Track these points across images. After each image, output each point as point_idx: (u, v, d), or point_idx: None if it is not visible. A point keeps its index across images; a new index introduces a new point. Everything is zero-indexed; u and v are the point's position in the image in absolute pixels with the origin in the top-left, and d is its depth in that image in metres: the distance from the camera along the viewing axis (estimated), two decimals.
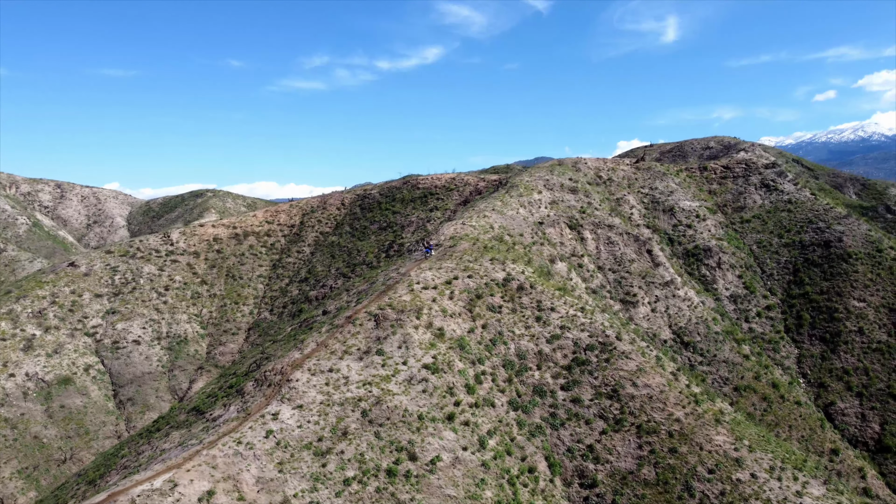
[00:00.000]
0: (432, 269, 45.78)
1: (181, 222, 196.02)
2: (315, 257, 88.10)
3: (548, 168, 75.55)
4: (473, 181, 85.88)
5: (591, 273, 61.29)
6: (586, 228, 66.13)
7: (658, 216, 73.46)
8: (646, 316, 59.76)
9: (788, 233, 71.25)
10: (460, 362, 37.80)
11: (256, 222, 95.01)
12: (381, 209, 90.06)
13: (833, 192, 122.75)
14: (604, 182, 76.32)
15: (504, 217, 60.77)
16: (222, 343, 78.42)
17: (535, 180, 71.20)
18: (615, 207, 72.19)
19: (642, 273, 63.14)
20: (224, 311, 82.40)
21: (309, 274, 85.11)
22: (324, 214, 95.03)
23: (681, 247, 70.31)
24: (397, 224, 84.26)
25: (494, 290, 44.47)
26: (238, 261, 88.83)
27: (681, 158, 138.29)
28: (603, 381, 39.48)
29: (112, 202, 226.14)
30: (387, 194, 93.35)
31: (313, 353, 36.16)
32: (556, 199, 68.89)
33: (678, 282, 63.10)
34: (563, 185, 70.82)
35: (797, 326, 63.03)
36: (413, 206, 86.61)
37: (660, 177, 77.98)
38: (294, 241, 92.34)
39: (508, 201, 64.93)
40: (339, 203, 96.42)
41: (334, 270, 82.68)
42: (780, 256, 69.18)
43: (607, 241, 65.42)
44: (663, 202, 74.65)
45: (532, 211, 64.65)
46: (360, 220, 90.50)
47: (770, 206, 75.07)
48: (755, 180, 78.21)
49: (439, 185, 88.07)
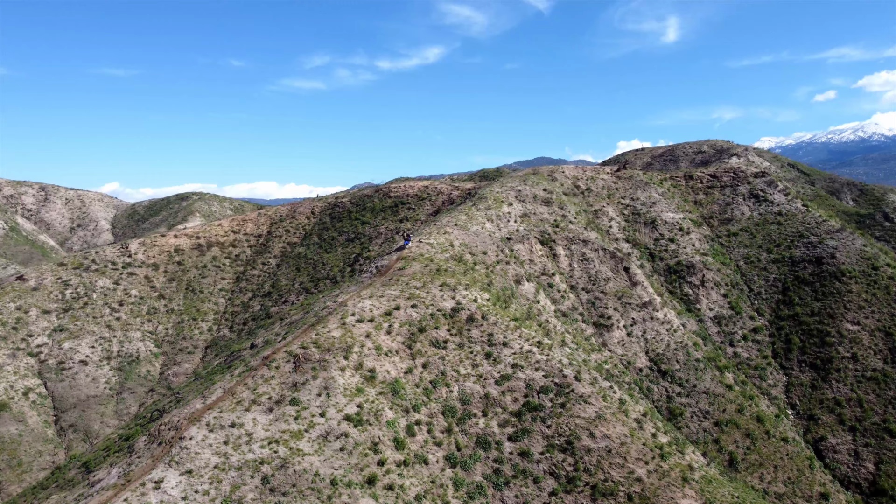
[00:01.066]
0: (373, 298, 40.71)
1: (165, 226, 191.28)
2: (280, 270, 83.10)
3: (521, 178, 70.41)
4: (447, 190, 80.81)
5: (562, 294, 56.19)
6: (559, 244, 61.04)
7: (639, 229, 68.34)
8: (620, 341, 54.67)
9: (778, 248, 66.08)
10: (391, 411, 32.75)
11: (221, 232, 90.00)
12: (350, 219, 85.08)
13: (829, 199, 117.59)
14: (581, 192, 71.16)
15: (467, 233, 55.72)
16: (177, 363, 73.40)
17: (506, 191, 66.06)
18: (592, 220, 67.07)
19: (618, 293, 58.04)
20: (181, 327, 77.36)
21: (272, 288, 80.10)
22: (292, 224, 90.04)
23: (662, 262, 65.20)
24: (365, 235, 79.22)
25: (440, 322, 39.40)
26: (199, 273, 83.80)
27: (672, 163, 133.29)
28: (557, 430, 34.41)
29: (97, 205, 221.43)
30: (358, 203, 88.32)
31: (217, 403, 31.15)
32: (528, 211, 63.79)
33: (657, 302, 57.98)
34: (536, 197, 65.69)
35: (786, 351, 57.88)
36: (383, 216, 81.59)
37: (642, 186, 72.80)
38: (260, 252, 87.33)
39: (474, 215, 59.84)
40: (310, 212, 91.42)
41: (297, 285, 77.67)
42: (769, 273, 64.03)
43: (581, 258, 60.33)
44: (644, 214, 69.51)
45: (500, 225, 59.59)
46: (328, 231, 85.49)
47: (759, 218, 69.89)
48: (743, 190, 73.01)
49: (411, 194, 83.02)
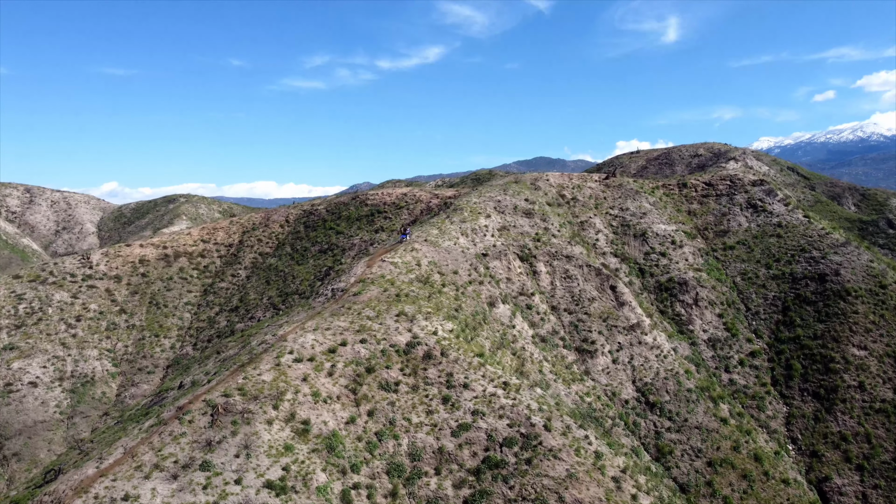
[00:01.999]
0: (318, 331, 35.66)
1: (150, 229, 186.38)
2: (250, 282, 78.05)
3: (501, 187, 65.27)
4: (425, 198, 75.73)
5: (541, 316, 51.14)
6: (540, 260, 55.99)
7: (628, 242, 63.29)
8: (605, 368, 49.64)
9: (777, 263, 61.00)
10: (324, 473, 27.72)
11: (190, 241, 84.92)
12: (325, 228, 80.00)
13: (830, 205, 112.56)
14: (567, 202, 66.06)
15: (438, 249, 50.65)
16: (135, 383, 68.37)
17: (484, 202, 60.96)
18: (578, 233, 61.99)
19: (604, 314, 53.02)
20: (142, 344, 72.30)
21: (240, 302, 75.04)
22: (265, 233, 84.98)
23: (653, 279, 60.16)
24: (339, 247, 74.17)
25: (393, 359, 34.39)
26: (165, 286, 78.74)
27: (668, 166, 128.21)
28: (521, 492, 29.40)
29: (83, 207, 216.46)
30: (333, 211, 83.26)
31: (113, 468, 26.12)
32: (508, 224, 58.71)
33: (646, 325, 52.93)
34: (516, 208, 60.61)
35: (786, 378, 52.84)
36: (359, 226, 76.55)
37: (632, 195, 67.73)
38: (230, 263, 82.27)
39: (447, 229, 54.77)
40: (284, 220, 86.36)
41: (266, 300, 72.62)
42: (768, 291, 58.97)
43: (564, 276, 55.29)
44: (634, 226, 64.44)
45: (475, 240, 54.52)
46: (302, 241, 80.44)
47: (757, 230, 64.81)
48: (740, 199, 67.93)
49: (388, 202, 77.96)
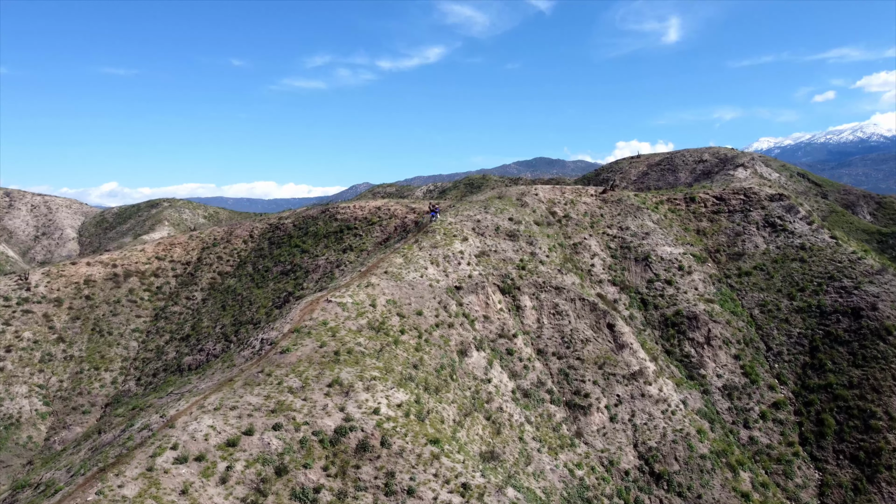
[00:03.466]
0: (219, 411, 26.88)
1: (131, 235, 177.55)
2: (206, 307, 69.27)
3: (482, 203, 56.32)
4: (400, 212, 66.88)
5: (525, 363, 42.34)
6: (525, 292, 47.17)
7: (628, 267, 54.45)
8: (601, 429, 40.82)
9: (802, 293, 52.14)
10: None
11: (143, 258, 76.14)
12: (290, 245, 71.19)
13: (846, 215, 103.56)
14: (558, 221, 57.21)
15: (400, 284, 41.84)
16: (67, 426, 59.62)
17: (461, 222, 52.07)
18: (570, 257, 53.13)
19: (600, 359, 44.20)
20: (79, 379, 63.56)
21: (192, 330, 66.26)
22: (226, 249, 76.21)
23: (657, 312, 51.32)
24: (302, 268, 65.36)
25: (315, 453, 25.64)
26: (111, 310, 69.98)
27: (670, 172, 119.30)
28: None
29: (64, 212, 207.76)
30: (301, 226, 74.43)
31: None
32: (488, 248, 49.88)
33: (650, 372, 44.13)
34: (498, 229, 51.78)
35: (818, 436, 44.02)
36: (326, 244, 67.73)
37: (633, 212, 58.88)
38: (186, 284, 73.49)
39: (414, 256, 45.93)
40: (248, 235, 77.57)
41: (219, 329, 63.82)
42: (792, 327, 50.12)
43: (553, 312, 46.45)
44: (636, 248, 55.59)
45: (448, 269, 45.68)
46: (265, 259, 71.66)
47: (777, 253, 55.96)
48: (757, 217, 59.09)
49: (360, 217, 69.11)
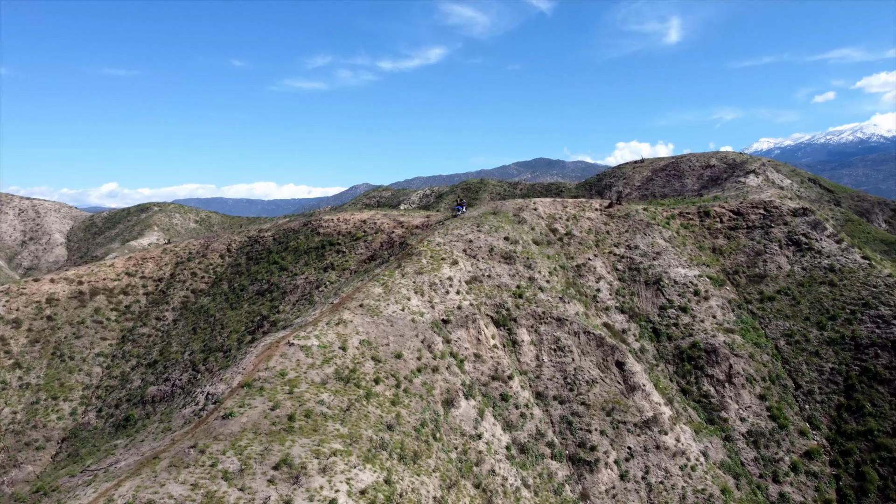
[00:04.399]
0: None
1: (119, 241, 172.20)
2: (176, 329, 63.41)
3: (475, 220, 50.31)
4: (387, 227, 61.02)
5: (521, 411, 36.55)
6: (522, 325, 41.35)
7: (638, 292, 48.58)
8: (610, 489, 35.00)
9: (833, 322, 46.29)
10: None
11: (112, 274, 70.25)
12: (268, 261, 65.33)
13: (862, 224, 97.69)
14: (559, 239, 51.34)
15: (377, 320, 36.00)
16: (18, 464, 53.75)
17: (451, 242, 46.15)
18: (573, 281, 47.26)
19: (608, 404, 38.39)
20: (35, 410, 57.70)
21: (160, 356, 60.40)
22: (202, 264, 70.31)
23: (671, 343, 45.46)
24: (279, 288, 59.52)
25: None
26: (74, 332, 64.11)
27: (676, 178, 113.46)
28: None
29: (53, 216, 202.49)
30: (281, 240, 68.55)
31: None
32: (480, 273, 44.02)
33: (665, 418, 38.31)
34: (493, 250, 45.90)
35: (859, 493, 38.15)
36: (306, 261, 61.86)
37: (642, 229, 53.00)
38: (157, 303, 67.62)
39: (396, 285, 40.05)
40: (225, 249, 71.67)
41: (187, 355, 57.97)
42: (824, 362, 44.27)
43: (555, 347, 40.63)
44: (646, 270, 49.72)
45: (434, 300, 39.84)
46: (242, 276, 65.80)
47: (803, 275, 50.10)
48: (779, 234, 53.23)
49: (343, 231, 63.23)
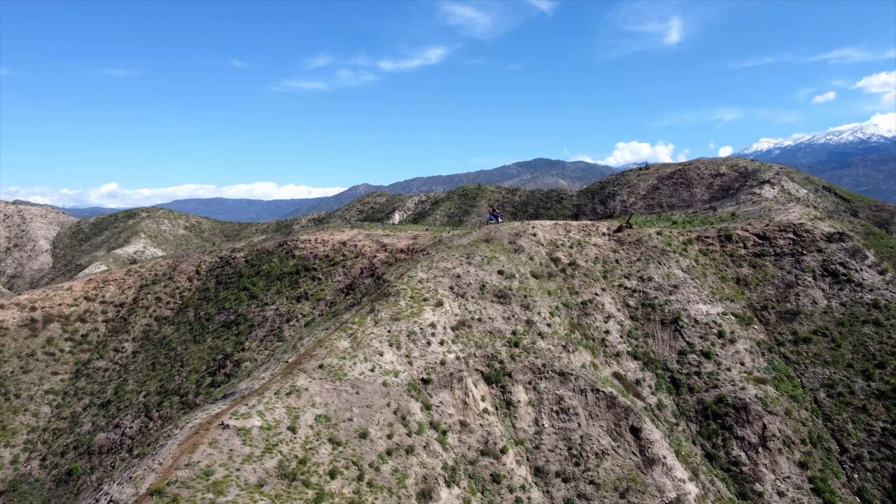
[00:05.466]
0: None
1: (105, 248, 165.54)
2: (135, 362, 56.63)
3: (464, 250, 43.22)
4: (370, 250, 54.20)
5: (517, 495, 29.73)
6: (519, 381, 34.60)
7: (653, 333, 41.80)
8: None
9: (882, 370, 39.51)
10: None
11: (70, 299, 63.43)
12: (238, 287, 58.52)
13: (884, 237, 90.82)
14: (562, 270, 44.50)
15: (340, 386, 29.25)
16: None
17: (436, 278, 39.25)
18: (578, 322, 40.47)
19: (621, 482, 31.64)
20: None
21: (115, 395, 53.60)
22: (168, 288, 63.48)
23: (693, 396, 38.69)
24: (247, 320, 52.71)
25: None
26: (22, 365, 57.35)
27: (684, 187, 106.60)
28: None
29: (38, 222, 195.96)
30: (254, 262, 61.73)
31: None
32: (470, 316, 37.24)
33: (691, 499, 31.57)
34: (484, 287, 39.11)
35: None
36: (278, 288, 55.07)
37: (656, 257, 46.18)
38: (117, 331, 60.81)
39: (366, 336, 33.26)
40: (194, 271, 64.83)
41: (142, 397, 51.15)
42: (874, 420, 37.51)
43: (557, 409, 33.87)
44: (661, 306, 42.93)
45: (412, 354, 33.07)
46: (209, 303, 59.01)
47: (842, 312, 43.31)
48: (812, 263, 46.44)
49: (321, 255, 56.40)
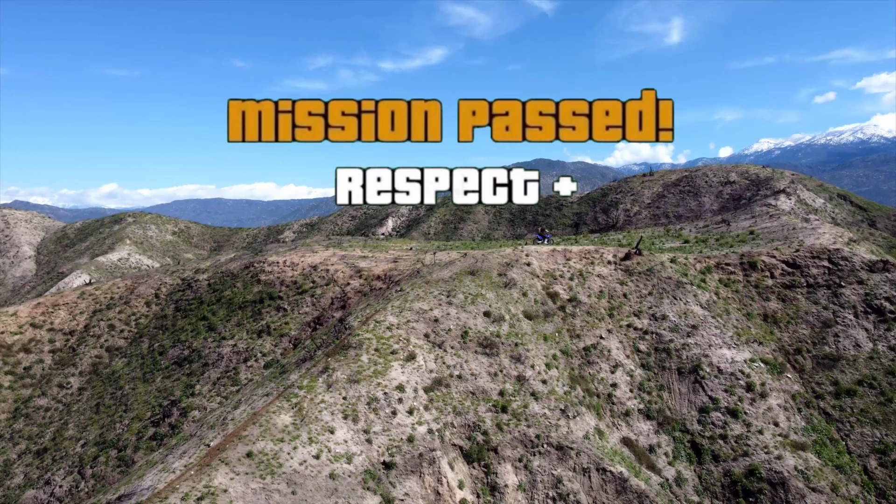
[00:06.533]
0: None
1: (88, 256, 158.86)
2: (80, 401, 49.86)
3: (444, 285, 36.34)
4: (343, 276, 47.43)
5: None
6: (507, 458, 27.90)
7: (669, 385, 35.08)
8: None
9: None
10: None
11: (14, 326, 56.65)
12: (197, 315, 51.77)
13: None
14: (561, 308, 37.68)
15: (272, 482, 22.55)
16: None
17: (408, 323, 32.37)
18: (580, 375, 33.71)
19: None
20: None
21: (52, 442, 46.83)
22: (123, 314, 56.73)
23: (719, 467, 31.98)
24: (201, 357, 45.96)
25: None
26: None
27: (691, 195, 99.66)
28: None
29: (23, 227, 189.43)
30: (217, 286, 54.98)
31: None
32: (447, 373, 30.52)
33: None
34: (466, 335, 32.38)
35: None
36: (239, 320, 48.33)
37: (671, 290, 39.42)
38: (64, 364, 54.11)
39: (315, 406, 26.48)
40: (153, 294, 58.05)
41: (80, 446, 44.39)
42: None
43: (553, 495, 27.12)
44: (678, 351, 36.21)
45: (373, 428, 26.37)
46: (165, 333, 52.30)
47: (892, 357, 36.65)
48: (853, 297, 39.68)
49: (288, 281, 49.65)
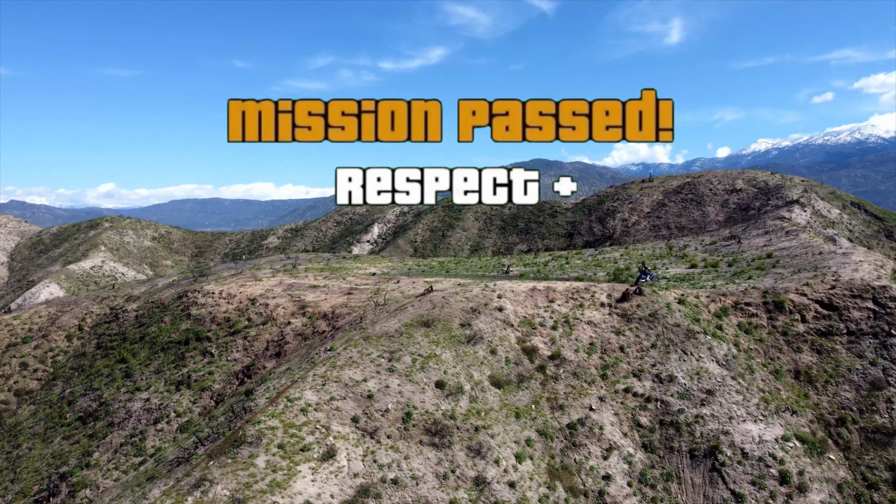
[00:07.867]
0: None
1: (60, 263, 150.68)
2: None
3: (385, 346, 27.56)
4: (284, 312, 39.24)
5: None
6: None
7: (678, 474, 26.93)
8: None
9: None
10: None
11: None
12: (117, 356, 43.40)
13: None
14: (539, 369, 29.23)
15: None
16: None
17: (331, 401, 23.56)
18: (563, 466, 25.44)
19: None
20: None
21: None
22: (39, 349, 48.39)
23: None
24: (108, 414, 37.70)
25: None
26: None
27: (694, 204, 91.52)
28: None
29: None
30: (144, 319, 46.63)
31: None
32: (378, 477, 22.18)
33: None
34: (409, 417, 23.86)
35: None
36: (159, 365, 40.08)
37: (679, 342, 31.16)
38: None
39: None
40: (76, 326, 49.68)
41: None
42: None
43: None
44: (690, 426, 28.03)
45: None
46: (80, 376, 44.03)
47: None
48: None
49: (220, 318, 41.34)
